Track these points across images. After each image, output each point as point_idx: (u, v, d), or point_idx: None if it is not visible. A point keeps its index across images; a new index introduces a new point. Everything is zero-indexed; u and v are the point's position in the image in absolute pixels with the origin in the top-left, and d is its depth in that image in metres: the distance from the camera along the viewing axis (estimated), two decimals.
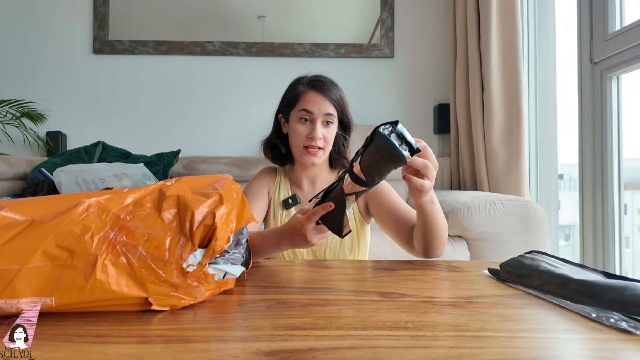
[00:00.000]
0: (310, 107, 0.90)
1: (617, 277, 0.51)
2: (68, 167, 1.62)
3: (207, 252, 0.47)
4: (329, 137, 0.92)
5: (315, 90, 0.91)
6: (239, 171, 1.90)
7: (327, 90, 0.91)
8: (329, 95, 0.91)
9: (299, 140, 0.91)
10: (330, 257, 0.94)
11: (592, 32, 1.41)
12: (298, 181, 1.00)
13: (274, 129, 1.00)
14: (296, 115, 0.92)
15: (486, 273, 0.64)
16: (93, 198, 0.47)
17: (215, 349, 0.36)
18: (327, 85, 0.92)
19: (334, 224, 0.64)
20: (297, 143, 0.92)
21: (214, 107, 2.30)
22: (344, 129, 0.97)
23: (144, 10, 2.30)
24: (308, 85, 0.92)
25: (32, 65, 2.27)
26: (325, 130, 0.91)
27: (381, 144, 0.54)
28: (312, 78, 0.94)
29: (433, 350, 0.35)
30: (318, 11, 2.33)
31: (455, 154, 2.12)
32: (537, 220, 1.40)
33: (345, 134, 0.98)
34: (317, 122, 0.90)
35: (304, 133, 0.91)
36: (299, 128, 0.91)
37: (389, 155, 0.54)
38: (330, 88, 0.92)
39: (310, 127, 0.90)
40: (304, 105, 0.90)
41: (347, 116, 0.95)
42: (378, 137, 0.54)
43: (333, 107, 0.91)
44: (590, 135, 1.42)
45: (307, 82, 0.93)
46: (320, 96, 0.90)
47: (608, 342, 0.38)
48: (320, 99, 0.90)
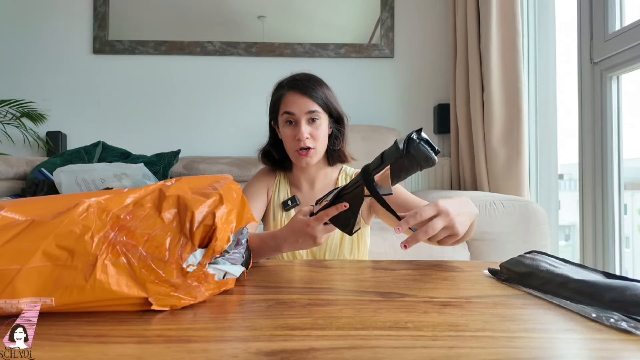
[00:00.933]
0: (291, 108, 0.88)
1: (617, 277, 0.51)
2: (68, 167, 1.62)
3: (207, 252, 0.47)
4: (318, 134, 0.89)
5: (293, 90, 0.89)
6: (239, 171, 1.90)
7: (305, 88, 0.89)
8: (308, 93, 0.88)
9: (290, 144, 0.90)
10: (329, 258, 0.94)
11: (592, 32, 1.41)
12: (297, 183, 0.99)
13: (270, 136, 1.00)
14: (282, 119, 0.91)
15: (486, 273, 0.64)
16: (93, 198, 0.47)
17: (215, 349, 0.36)
18: (303, 83, 0.89)
19: (345, 223, 0.65)
20: (288, 147, 0.92)
21: (214, 107, 2.30)
22: (337, 122, 0.95)
23: (144, 10, 2.30)
24: (286, 87, 0.91)
25: (32, 65, 2.27)
26: (312, 128, 0.89)
27: (419, 155, 0.56)
28: (290, 79, 0.92)
29: (433, 350, 0.35)
30: (318, 11, 2.33)
31: (455, 154, 2.12)
32: (537, 220, 1.40)
33: (340, 127, 0.95)
34: (301, 122, 0.88)
35: (291, 136, 0.89)
36: (286, 132, 0.90)
37: (423, 163, 0.56)
38: (308, 85, 0.89)
39: (296, 129, 0.89)
40: (285, 108, 0.89)
41: (335, 109, 0.92)
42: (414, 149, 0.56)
43: (315, 103, 0.88)
44: (590, 135, 1.42)
45: (285, 83, 0.92)
46: (298, 95, 0.88)
47: (608, 342, 0.38)
48: (299, 98, 0.88)
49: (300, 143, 0.88)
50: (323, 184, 0.98)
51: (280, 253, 0.76)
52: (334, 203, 0.64)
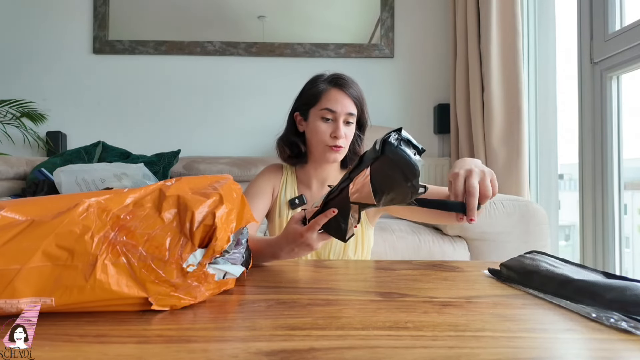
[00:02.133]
0: (333, 106, 0.89)
1: (617, 277, 0.51)
2: (68, 167, 1.62)
3: (207, 252, 0.47)
4: (350, 135, 0.92)
5: (338, 87, 0.90)
6: (239, 171, 1.90)
7: (349, 88, 0.90)
8: (351, 93, 0.90)
9: (322, 138, 0.90)
10: (334, 258, 0.93)
11: (592, 32, 1.41)
12: (307, 180, 0.99)
13: (289, 127, 0.98)
14: (317, 113, 0.90)
15: (486, 273, 0.64)
16: (93, 198, 0.47)
17: (215, 349, 0.36)
18: (348, 83, 0.91)
19: (336, 229, 0.61)
20: (319, 140, 0.91)
21: (214, 107, 2.30)
22: (360, 128, 0.97)
23: (144, 10, 2.30)
24: (330, 83, 0.91)
25: (32, 66, 2.27)
26: (347, 129, 0.91)
27: (396, 158, 0.51)
28: (334, 75, 0.92)
29: (433, 350, 0.35)
30: (318, 11, 2.33)
31: (455, 154, 2.11)
32: (537, 220, 1.40)
33: (361, 132, 0.97)
34: (339, 121, 0.89)
35: (327, 131, 0.89)
36: (321, 126, 0.90)
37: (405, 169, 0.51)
38: (352, 85, 0.91)
39: (333, 126, 0.89)
40: (327, 104, 0.89)
41: (365, 115, 0.94)
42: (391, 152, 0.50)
43: (354, 105, 0.91)
44: (590, 135, 1.42)
45: (328, 79, 0.92)
46: (342, 94, 0.89)
47: (608, 342, 0.38)
48: (343, 97, 0.89)
49: (336, 140, 0.89)
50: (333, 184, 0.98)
51: (279, 260, 0.74)
52: (324, 209, 0.61)
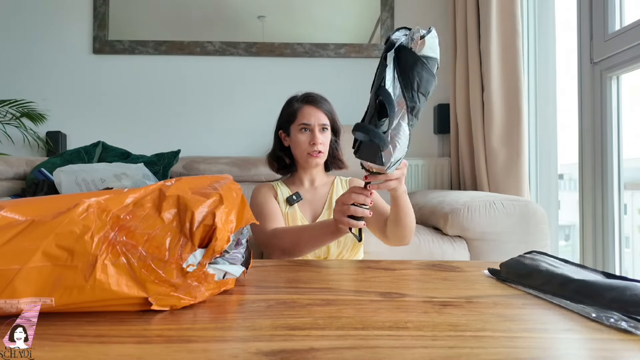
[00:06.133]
0: (308, 120, 1.06)
1: (617, 277, 0.51)
2: (68, 167, 1.62)
3: (207, 252, 0.47)
4: (326, 142, 1.08)
5: (309, 104, 1.08)
6: (239, 171, 1.90)
7: (319, 103, 1.08)
8: (321, 107, 1.08)
9: (303, 147, 1.06)
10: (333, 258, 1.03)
11: (592, 32, 1.41)
12: (299, 182, 1.14)
13: (276, 143, 1.14)
14: (296, 128, 1.07)
15: (486, 273, 0.64)
16: (93, 198, 0.47)
17: (215, 349, 0.36)
18: (318, 99, 1.09)
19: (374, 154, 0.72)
20: (300, 150, 1.07)
21: (214, 107, 2.30)
22: (335, 134, 1.13)
23: (144, 10, 2.30)
24: (303, 102, 1.09)
25: (32, 65, 2.26)
26: (322, 136, 1.06)
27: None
28: (305, 94, 1.10)
29: (433, 350, 0.35)
30: (318, 11, 2.33)
31: (455, 154, 2.11)
32: (537, 220, 1.40)
33: (337, 138, 1.14)
34: (315, 131, 1.05)
35: (306, 141, 1.06)
36: (300, 138, 1.06)
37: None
38: (321, 101, 1.09)
39: (310, 136, 1.06)
40: (302, 119, 1.06)
41: (337, 123, 1.12)
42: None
43: (326, 117, 1.08)
44: (590, 135, 1.42)
45: (301, 99, 1.10)
46: (314, 109, 1.07)
47: (608, 342, 0.38)
48: (315, 111, 1.07)
49: (314, 147, 1.05)
50: (321, 183, 1.14)
51: (326, 243, 0.92)
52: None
